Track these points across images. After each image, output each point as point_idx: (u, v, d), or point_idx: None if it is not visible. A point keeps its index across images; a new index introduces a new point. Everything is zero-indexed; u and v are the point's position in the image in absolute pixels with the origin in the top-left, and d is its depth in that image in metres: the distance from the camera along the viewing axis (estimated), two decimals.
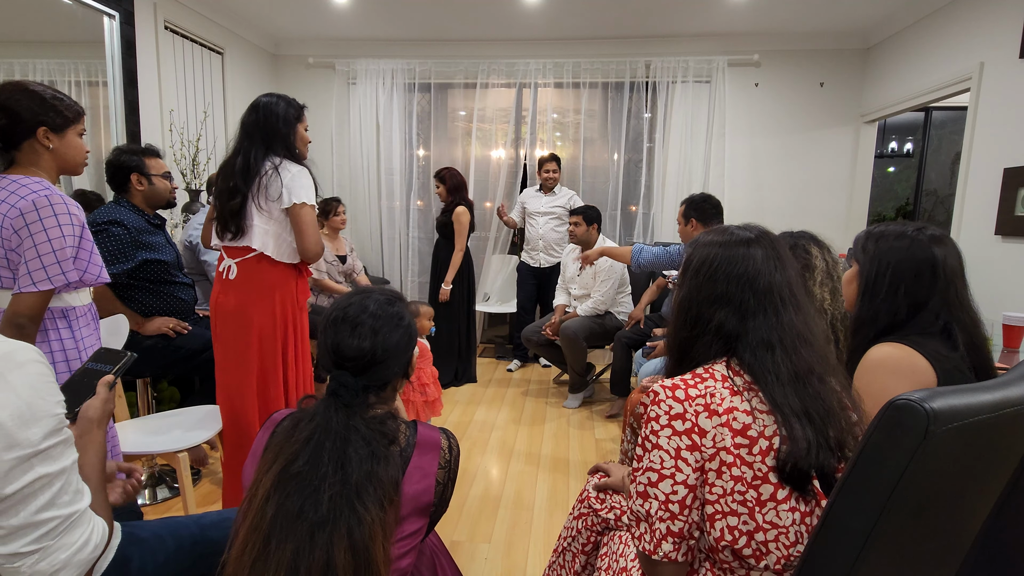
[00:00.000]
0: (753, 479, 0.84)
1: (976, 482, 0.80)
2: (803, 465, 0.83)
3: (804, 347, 0.91)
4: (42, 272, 1.38)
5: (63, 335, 1.49)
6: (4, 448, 0.72)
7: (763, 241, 0.98)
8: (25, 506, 0.75)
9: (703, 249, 1.00)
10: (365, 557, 0.85)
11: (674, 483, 0.86)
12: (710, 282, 0.96)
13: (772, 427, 0.86)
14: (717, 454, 0.85)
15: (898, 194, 5.79)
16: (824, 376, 0.91)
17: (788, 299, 0.94)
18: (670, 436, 0.87)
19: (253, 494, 0.89)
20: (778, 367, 0.89)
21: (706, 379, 0.91)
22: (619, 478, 1.34)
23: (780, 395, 0.87)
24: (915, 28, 3.68)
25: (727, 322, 0.94)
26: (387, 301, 1.05)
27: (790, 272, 0.97)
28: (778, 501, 0.84)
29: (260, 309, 1.86)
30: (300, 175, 1.85)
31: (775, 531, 0.84)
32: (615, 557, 1.16)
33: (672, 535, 0.86)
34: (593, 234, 3.54)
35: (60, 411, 0.81)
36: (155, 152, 2.33)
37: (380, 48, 4.59)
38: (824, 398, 0.88)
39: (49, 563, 0.78)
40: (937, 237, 1.17)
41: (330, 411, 0.94)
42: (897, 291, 1.16)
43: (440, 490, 1.01)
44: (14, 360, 0.76)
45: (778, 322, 0.92)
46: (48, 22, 2.83)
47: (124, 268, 2.19)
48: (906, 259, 1.16)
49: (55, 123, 1.48)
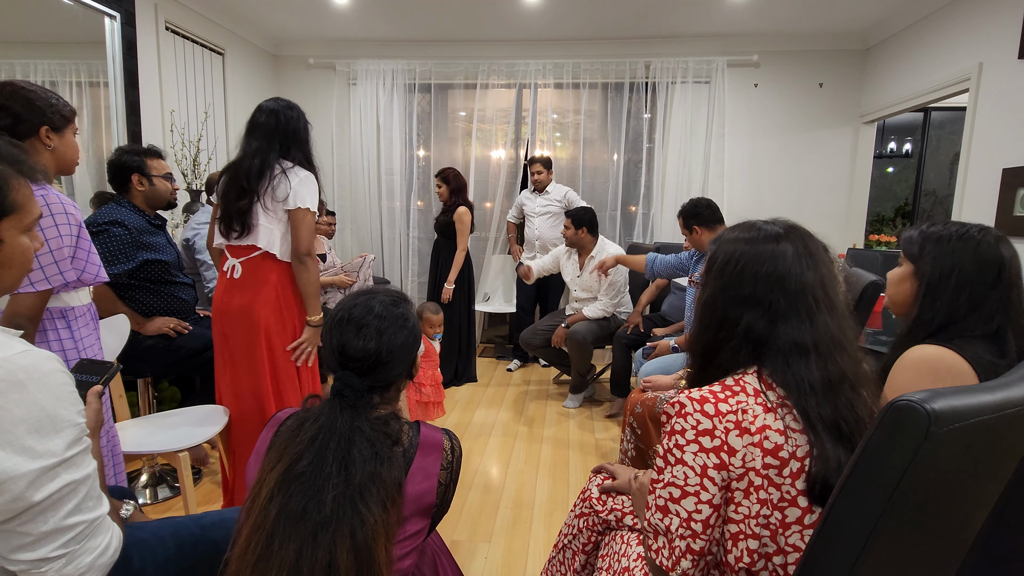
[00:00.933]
0: (780, 501, 0.80)
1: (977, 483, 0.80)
2: (833, 483, 0.79)
3: (839, 352, 0.86)
4: (40, 272, 1.38)
5: (62, 335, 1.49)
6: (28, 460, 0.73)
7: (792, 236, 0.92)
8: (54, 512, 0.77)
9: (728, 246, 0.94)
10: (367, 558, 0.85)
11: (698, 501, 0.81)
12: (736, 282, 0.90)
13: (805, 447, 0.81)
14: (746, 474, 0.81)
15: (897, 194, 5.79)
16: (856, 384, 0.86)
17: (822, 300, 0.88)
18: (696, 452, 0.82)
19: (256, 493, 0.89)
20: (812, 374, 0.84)
21: (737, 393, 0.85)
22: (625, 481, 1.32)
23: (813, 405, 0.82)
24: (914, 28, 3.68)
25: (755, 325, 0.88)
26: (392, 302, 1.06)
27: (823, 271, 0.90)
28: (804, 526, 0.81)
29: (267, 308, 1.88)
30: (308, 180, 1.90)
31: (795, 555, 0.81)
32: (616, 557, 1.16)
33: (692, 553, 0.82)
34: (584, 237, 3.51)
35: (81, 420, 0.82)
36: (157, 153, 2.33)
37: (380, 48, 4.59)
38: (856, 407, 0.84)
39: (75, 567, 0.79)
40: (1002, 237, 1.12)
41: (335, 411, 0.94)
42: (960, 294, 1.11)
43: (442, 491, 1.02)
44: (39, 371, 0.77)
45: (812, 326, 0.86)
46: (49, 22, 2.83)
47: (125, 268, 2.19)
48: (972, 260, 1.10)
49: (55, 122, 1.49)
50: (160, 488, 2.34)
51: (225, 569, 0.88)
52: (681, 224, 2.80)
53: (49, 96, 1.49)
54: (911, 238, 1.21)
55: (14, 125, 1.43)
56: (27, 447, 0.74)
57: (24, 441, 0.73)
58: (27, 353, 0.77)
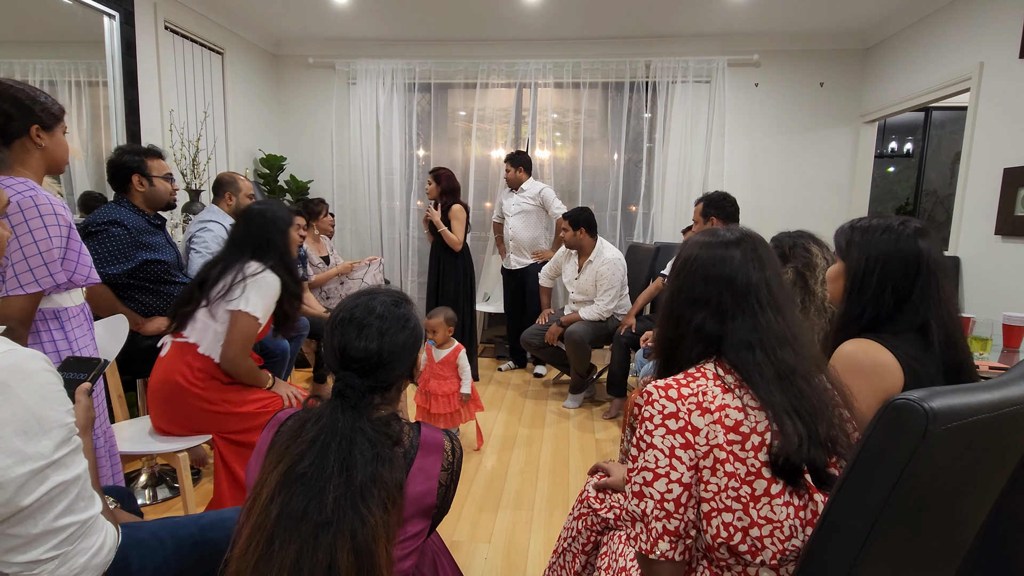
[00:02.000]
0: (747, 475, 0.85)
1: (975, 482, 0.80)
2: (795, 459, 0.83)
3: (783, 348, 0.92)
4: (29, 274, 1.36)
5: (55, 335, 1.48)
6: (16, 463, 0.72)
7: (745, 243, 0.97)
8: (44, 514, 0.76)
9: (687, 250, 1.01)
10: (368, 559, 0.85)
11: (669, 481, 0.86)
12: (689, 283, 0.97)
13: (764, 423, 0.87)
14: (711, 451, 0.86)
15: (898, 194, 5.79)
16: (809, 375, 0.91)
17: (765, 300, 0.94)
18: (664, 435, 0.87)
19: (257, 493, 0.89)
20: (760, 367, 0.90)
21: (698, 378, 0.91)
22: (619, 478, 1.34)
23: (766, 392, 0.88)
24: (915, 28, 3.68)
25: (706, 324, 0.94)
26: (393, 303, 1.05)
27: (769, 273, 0.96)
28: (772, 496, 0.85)
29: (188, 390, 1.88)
30: (265, 285, 1.88)
31: (770, 526, 0.84)
32: (615, 557, 1.16)
33: (668, 534, 0.86)
34: (584, 238, 3.50)
35: (70, 420, 0.80)
36: (157, 153, 2.32)
37: (380, 48, 4.59)
38: (809, 397, 0.89)
39: (68, 568, 0.79)
40: (921, 229, 1.15)
41: (336, 412, 0.94)
42: (885, 288, 1.14)
43: (443, 492, 1.01)
44: (23, 370, 0.75)
45: (756, 324, 0.93)
46: (48, 22, 2.83)
47: (124, 268, 2.19)
48: (894, 253, 1.13)
49: (45, 121, 1.48)
50: (159, 488, 2.34)
51: (225, 569, 0.88)
52: (700, 210, 2.82)
53: (38, 95, 1.48)
54: (842, 232, 1.24)
55: (4, 124, 1.42)
56: (15, 449, 0.72)
57: (11, 443, 0.72)
58: (10, 353, 0.75)
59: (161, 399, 1.87)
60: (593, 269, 3.48)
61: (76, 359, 1.16)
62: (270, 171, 4.51)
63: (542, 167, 4.61)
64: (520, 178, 4.05)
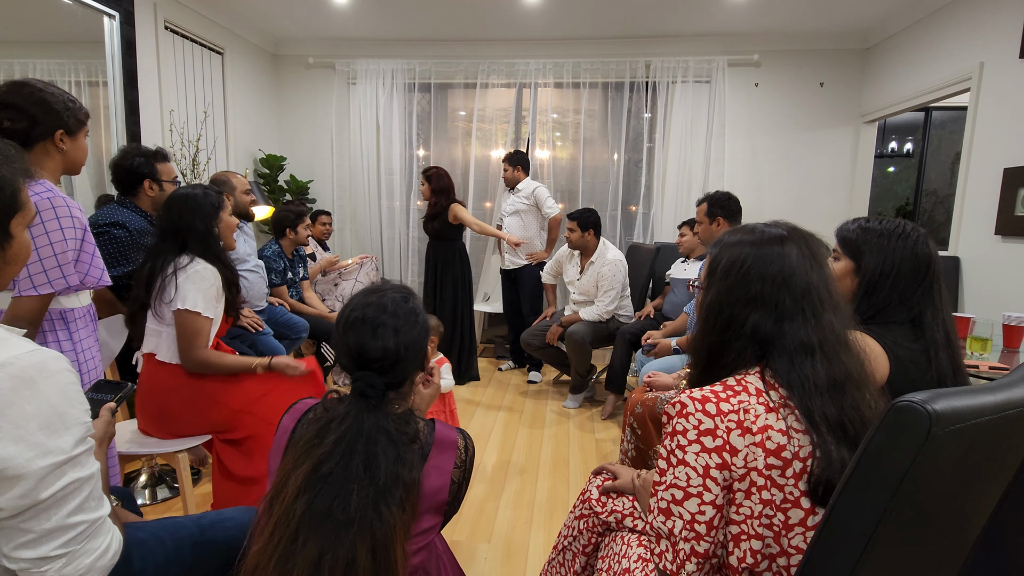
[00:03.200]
0: (783, 502, 0.80)
1: (978, 484, 0.79)
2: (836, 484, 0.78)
3: (844, 351, 0.87)
4: (43, 276, 1.37)
5: (60, 337, 1.48)
6: (38, 456, 0.74)
7: (795, 237, 0.93)
8: (58, 510, 0.77)
9: (732, 249, 0.95)
10: (385, 557, 0.86)
11: (701, 503, 0.81)
12: (743, 283, 0.91)
13: (807, 448, 0.81)
14: (748, 474, 0.81)
15: (898, 194, 5.79)
16: (861, 383, 0.87)
17: (826, 300, 0.89)
18: (698, 453, 0.82)
19: (280, 490, 0.89)
20: (817, 374, 0.84)
21: (739, 392, 0.85)
22: (628, 481, 1.32)
23: (817, 405, 0.82)
24: (915, 28, 3.68)
25: (762, 325, 0.88)
26: (402, 299, 1.06)
27: (826, 271, 0.92)
28: (807, 528, 0.81)
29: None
30: (197, 277, 1.77)
31: (798, 556, 0.81)
32: (616, 559, 1.16)
33: (696, 556, 0.82)
34: (590, 239, 3.50)
35: (87, 419, 0.83)
36: (165, 156, 2.31)
37: (380, 48, 4.59)
38: (861, 407, 0.85)
39: (75, 567, 0.80)
40: (929, 235, 1.21)
41: (361, 413, 0.94)
42: (896, 290, 1.17)
43: (455, 489, 1.03)
44: (47, 369, 0.78)
45: (818, 324, 0.87)
46: (48, 22, 2.83)
47: (124, 271, 2.18)
48: (909, 259, 1.17)
49: (70, 126, 1.49)
50: (159, 488, 2.34)
51: (242, 562, 0.89)
52: (704, 210, 2.80)
53: (66, 99, 1.49)
54: (849, 232, 1.26)
55: (30, 128, 1.43)
56: (38, 443, 0.74)
57: (35, 437, 0.74)
58: (35, 352, 0.78)
59: (149, 411, 1.86)
60: (595, 270, 3.47)
61: (106, 382, 1.21)
62: (270, 171, 4.51)
63: (542, 167, 4.61)
64: (518, 177, 4.03)
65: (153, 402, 1.84)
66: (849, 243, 1.26)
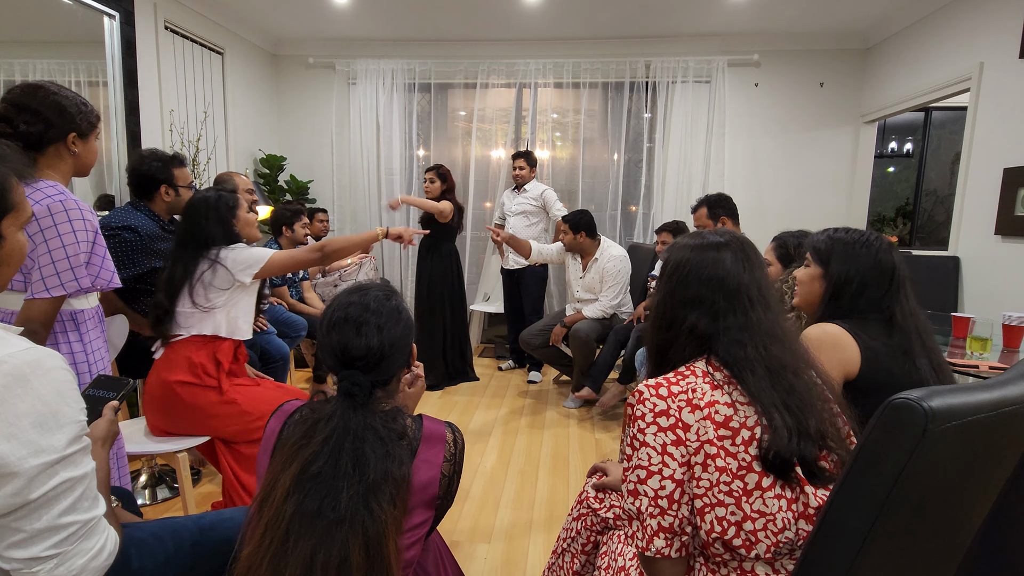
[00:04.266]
0: (738, 469, 0.86)
1: (975, 481, 0.80)
2: (785, 453, 0.85)
3: (773, 344, 0.95)
4: (55, 278, 1.37)
5: (71, 337, 1.49)
6: (31, 454, 0.74)
7: (733, 245, 1.01)
8: (48, 509, 0.77)
9: (677, 253, 1.04)
10: (378, 553, 0.87)
11: (662, 478, 0.88)
12: (683, 285, 1.00)
13: (753, 417, 0.88)
14: (701, 447, 0.87)
15: (898, 194, 5.79)
16: (798, 370, 0.94)
17: (756, 299, 0.97)
18: (655, 432, 0.89)
19: (270, 492, 0.89)
20: (751, 362, 0.92)
21: (687, 376, 0.93)
22: (617, 477, 1.34)
23: (756, 388, 0.90)
24: (915, 28, 3.68)
25: (699, 323, 0.97)
26: (385, 296, 1.07)
27: (758, 273, 1.00)
28: (764, 489, 0.86)
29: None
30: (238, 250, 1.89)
31: (763, 519, 0.86)
32: (614, 556, 1.17)
33: (663, 530, 0.88)
34: (584, 240, 3.50)
35: (83, 418, 0.82)
36: (182, 161, 2.31)
37: (380, 48, 4.59)
38: (799, 391, 0.91)
39: (67, 568, 0.79)
40: (893, 246, 1.32)
41: (348, 412, 0.95)
42: (861, 295, 1.29)
43: (446, 483, 1.03)
44: (42, 367, 0.77)
45: (747, 321, 0.96)
46: (48, 22, 2.83)
47: (132, 274, 2.19)
48: (874, 266, 1.28)
49: (83, 129, 1.49)
50: (159, 488, 2.34)
51: (233, 564, 0.89)
52: (704, 214, 2.82)
53: (79, 102, 1.49)
54: (819, 242, 1.38)
55: (44, 131, 1.43)
56: (30, 441, 0.74)
57: (28, 435, 0.74)
58: (30, 350, 0.78)
59: (158, 404, 1.86)
60: (599, 266, 3.48)
61: (106, 378, 1.19)
62: (270, 171, 4.51)
63: (542, 167, 4.61)
64: (530, 177, 4.09)
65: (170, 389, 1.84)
66: (819, 251, 1.37)
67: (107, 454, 1.03)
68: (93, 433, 1.02)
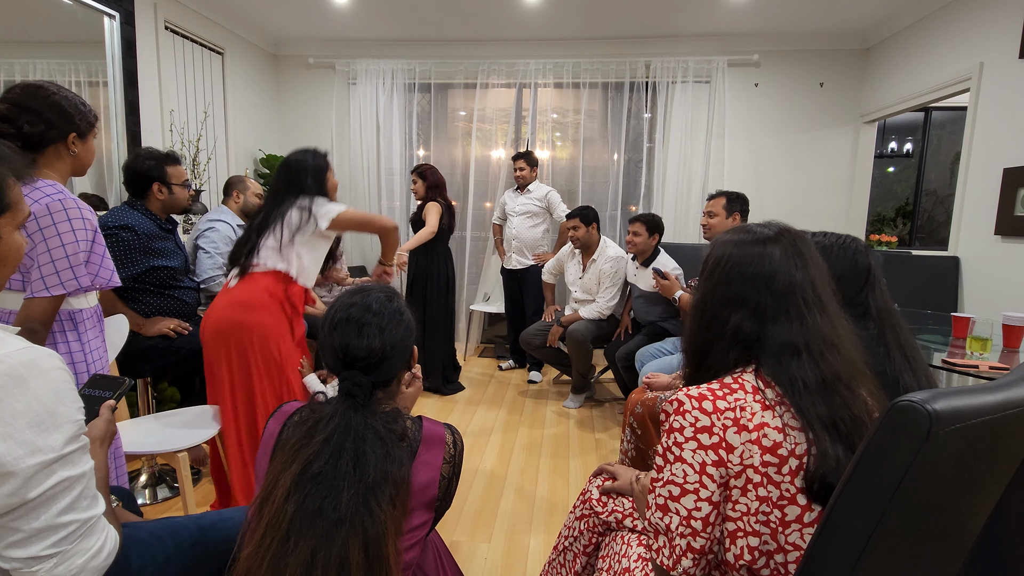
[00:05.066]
0: (779, 499, 0.81)
1: (978, 483, 0.79)
2: (832, 480, 0.79)
3: (830, 352, 0.87)
4: (55, 277, 1.38)
5: (69, 337, 1.49)
6: (27, 454, 0.74)
7: (783, 239, 0.92)
8: (47, 509, 0.77)
9: (719, 248, 0.96)
10: (377, 553, 0.87)
11: (697, 499, 0.82)
12: (724, 283, 0.92)
13: (803, 445, 0.82)
14: (744, 471, 0.81)
15: (898, 194, 5.79)
16: (852, 383, 0.87)
17: (812, 300, 0.89)
18: (695, 450, 0.82)
19: (270, 492, 0.89)
20: (805, 373, 0.84)
21: (736, 390, 0.85)
22: (626, 482, 1.32)
23: (808, 404, 0.83)
24: (915, 28, 3.68)
25: (743, 325, 0.89)
26: (387, 298, 1.07)
27: (813, 271, 0.91)
28: (804, 524, 0.81)
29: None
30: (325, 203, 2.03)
31: (796, 553, 0.81)
32: (616, 558, 1.16)
33: (693, 552, 0.83)
34: (594, 234, 3.52)
35: (80, 417, 0.82)
36: (176, 159, 2.32)
37: (380, 48, 4.59)
38: (852, 407, 0.84)
39: (66, 568, 0.79)
40: (868, 247, 1.34)
41: (348, 412, 0.95)
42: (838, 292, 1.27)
43: (445, 484, 1.03)
44: (38, 367, 0.77)
45: (802, 325, 0.87)
46: (48, 22, 2.83)
47: (131, 273, 2.19)
48: (849, 267, 1.30)
49: (82, 129, 1.50)
50: (159, 488, 2.34)
51: (233, 565, 0.88)
52: (723, 204, 2.85)
53: (78, 102, 1.50)
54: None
55: (45, 131, 1.44)
56: (27, 440, 0.74)
57: (24, 435, 0.74)
58: (27, 350, 0.78)
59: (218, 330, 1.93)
60: (597, 267, 3.49)
61: (103, 377, 1.19)
62: (270, 171, 4.50)
63: (542, 167, 4.61)
64: (533, 177, 4.09)
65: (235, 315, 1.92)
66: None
67: (105, 454, 1.03)
68: (91, 433, 1.01)
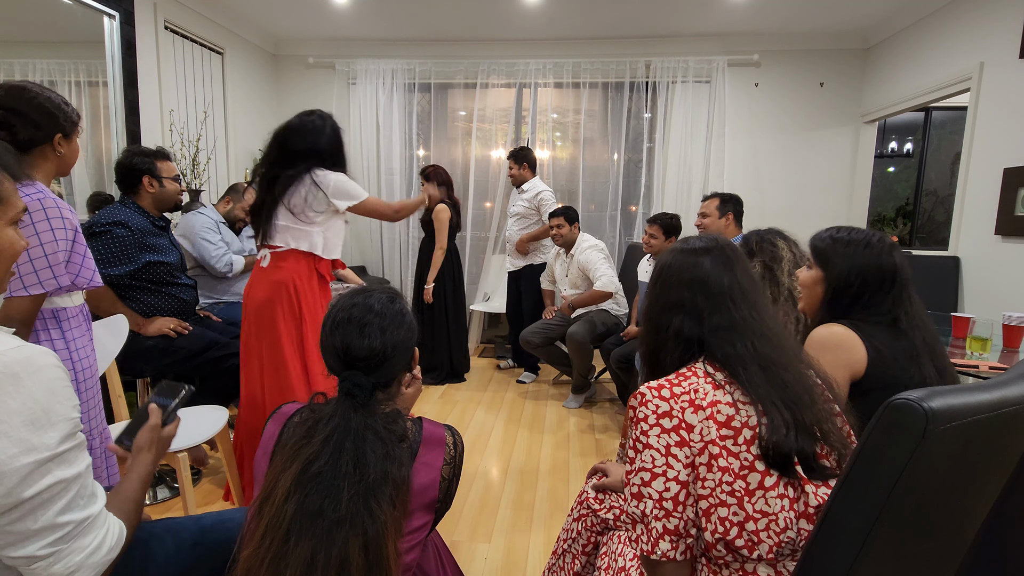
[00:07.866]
0: (740, 469, 0.86)
1: (975, 482, 0.80)
2: (784, 448, 0.86)
3: (761, 341, 0.96)
4: (33, 276, 1.37)
5: (53, 335, 1.48)
6: (22, 452, 0.74)
7: (715, 249, 1.03)
8: (45, 510, 0.76)
9: (661, 259, 1.07)
10: (377, 554, 0.86)
11: (666, 480, 0.88)
12: (666, 289, 1.02)
13: (754, 417, 0.89)
14: (705, 448, 0.88)
15: (898, 194, 5.79)
16: (788, 366, 0.94)
17: (739, 298, 0.98)
18: (659, 434, 0.89)
19: (270, 492, 0.89)
20: (743, 360, 0.93)
21: (689, 376, 0.94)
22: (617, 478, 1.34)
23: (753, 384, 0.91)
24: (915, 28, 3.68)
25: (684, 327, 0.98)
26: (389, 299, 1.07)
27: (739, 273, 1.01)
28: (766, 489, 0.86)
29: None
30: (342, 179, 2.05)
31: (765, 519, 0.86)
32: (614, 557, 1.16)
33: (668, 533, 0.87)
34: (576, 231, 3.60)
35: (76, 415, 0.82)
36: (166, 155, 2.33)
37: (380, 48, 4.59)
38: (791, 386, 0.92)
39: (64, 565, 0.79)
40: (895, 246, 1.28)
41: (348, 412, 0.95)
42: (861, 297, 1.26)
43: (445, 486, 1.03)
44: (33, 365, 0.77)
45: (732, 320, 0.97)
46: (48, 22, 2.83)
47: (127, 269, 2.19)
48: (874, 267, 1.25)
49: (67, 130, 1.50)
50: (159, 488, 2.34)
51: (233, 565, 0.88)
52: (716, 204, 2.86)
53: (61, 102, 1.50)
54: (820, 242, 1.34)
55: (32, 135, 1.44)
56: (21, 439, 0.74)
57: (19, 433, 0.74)
58: (21, 348, 0.78)
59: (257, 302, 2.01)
60: (575, 261, 3.56)
61: (168, 384, 1.18)
62: None
63: (542, 167, 4.61)
64: (524, 176, 3.97)
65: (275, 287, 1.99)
66: (819, 252, 1.34)
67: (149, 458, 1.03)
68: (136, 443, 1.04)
